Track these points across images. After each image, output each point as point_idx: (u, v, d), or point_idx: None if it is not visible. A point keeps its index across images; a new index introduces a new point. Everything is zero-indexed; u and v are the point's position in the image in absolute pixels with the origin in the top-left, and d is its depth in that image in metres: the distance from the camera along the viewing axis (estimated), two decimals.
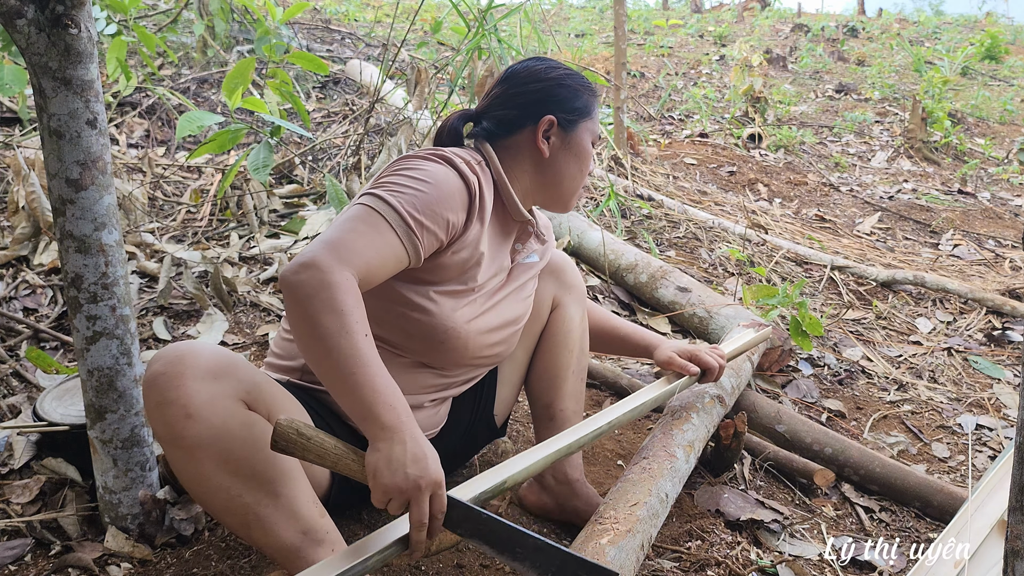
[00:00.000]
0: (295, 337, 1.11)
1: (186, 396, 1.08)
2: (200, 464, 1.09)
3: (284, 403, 1.23)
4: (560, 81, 1.42)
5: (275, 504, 1.14)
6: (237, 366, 1.15)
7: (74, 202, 1.29)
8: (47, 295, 2.34)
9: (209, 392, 1.09)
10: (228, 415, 1.10)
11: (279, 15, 3.16)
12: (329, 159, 3.51)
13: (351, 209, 1.20)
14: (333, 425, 1.36)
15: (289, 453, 1.04)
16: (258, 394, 1.16)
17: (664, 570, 1.49)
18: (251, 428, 1.12)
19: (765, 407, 2.07)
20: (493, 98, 1.45)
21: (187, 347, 1.13)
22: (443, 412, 1.48)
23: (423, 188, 1.22)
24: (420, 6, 3.59)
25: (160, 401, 1.08)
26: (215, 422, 1.08)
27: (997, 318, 3.16)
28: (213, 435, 1.08)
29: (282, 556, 1.16)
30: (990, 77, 9.88)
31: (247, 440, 1.11)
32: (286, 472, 1.15)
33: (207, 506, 1.14)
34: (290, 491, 1.15)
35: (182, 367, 1.09)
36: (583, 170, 1.46)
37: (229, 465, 1.10)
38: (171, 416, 1.08)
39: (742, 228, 3.72)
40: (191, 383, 1.08)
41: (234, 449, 1.10)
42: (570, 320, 1.62)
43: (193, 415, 1.08)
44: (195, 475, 1.11)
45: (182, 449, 1.09)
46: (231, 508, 1.12)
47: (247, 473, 1.11)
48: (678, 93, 7.80)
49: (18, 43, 1.22)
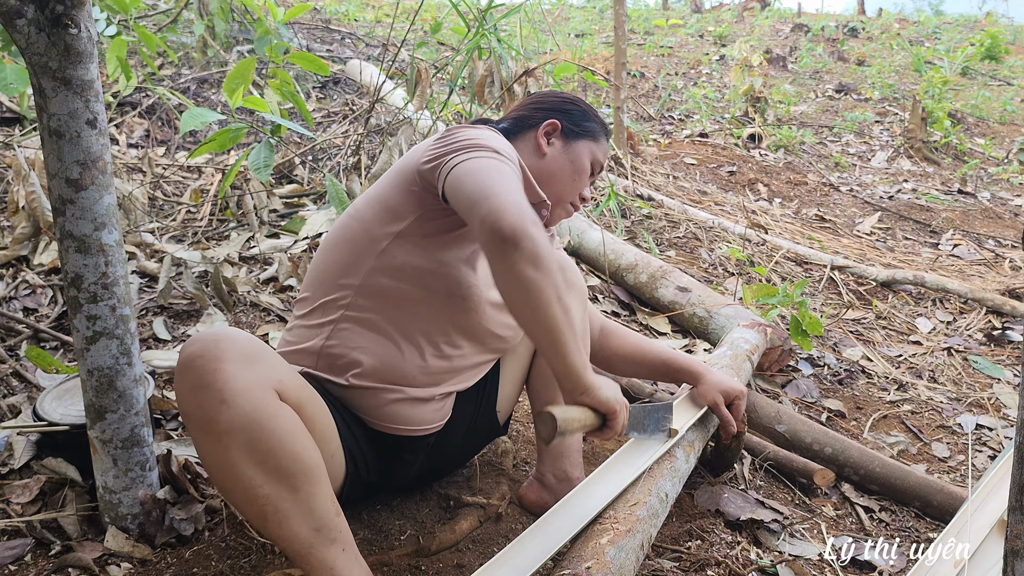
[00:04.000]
0: (526, 279, 1.14)
1: (223, 381, 1.08)
2: (228, 451, 1.09)
3: (310, 394, 1.25)
4: (576, 103, 1.55)
5: (294, 498, 1.14)
6: (270, 355, 1.16)
7: (74, 202, 1.29)
8: (47, 295, 2.34)
9: (245, 379, 1.09)
10: (262, 404, 1.10)
11: (280, 15, 3.16)
12: (329, 159, 3.51)
13: (479, 161, 1.23)
14: (341, 411, 1.38)
15: (563, 435, 1.22)
16: (288, 384, 1.17)
17: (664, 570, 1.49)
18: (281, 420, 1.12)
19: (765, 407, 2.07)
20: (516, 106, 1.58)
21: (224, 332, 1.13)
22: (448, 407, 1.50)
23: (500, 142, 1.31)
24: (420, 6, 3.59)
25: (197, 384, 1.08)
26: (248, 409, 1.09)
27: (997, 318, 3.16)
28: (245, 423, 1.08)
29: (293, 550, 1.17)
30: (990, 77, 9.88)
31: (275, 431, 1.11)
32: (309, 469, 1.16)
33: (227, 493, 1.14)
34: (310, 487, 1.16)
35: (219, 351, 1.09)
36: (575, 183, 1.52)
37: (256, 455, 1.10)
38: (206, 400, 1.08)
39: (742, 228, 3.72)
40: (228, 368, 1.08)
41: (263, 439, 1.10)
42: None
43: (228, 401, 1.08)
44: (221, 462, 1.10)
45: (213, 434, 1.09)
46: (251, 498, 1.12)
47: (272, 465, 1.11)
48: (678, 93, 7.81)
49: (18, 43, 1.22)
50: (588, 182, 1.54)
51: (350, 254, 1.39)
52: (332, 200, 2.47)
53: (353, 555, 1.22)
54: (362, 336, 1.37)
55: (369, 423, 1.41)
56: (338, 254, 1.41)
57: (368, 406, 1.39)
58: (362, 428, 1.41)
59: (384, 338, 1.37)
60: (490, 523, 1.59)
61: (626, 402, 1.33)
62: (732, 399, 1.68)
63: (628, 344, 1.74)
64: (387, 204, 1.37)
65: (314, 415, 1.24)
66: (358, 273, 1.37)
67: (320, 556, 1.17)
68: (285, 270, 2.54)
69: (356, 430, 1.40)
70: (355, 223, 1.41)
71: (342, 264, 1.39)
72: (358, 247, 1.38)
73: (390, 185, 1.39)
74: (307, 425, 1.19)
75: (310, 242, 2.75)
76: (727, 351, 2.10)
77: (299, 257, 2.63)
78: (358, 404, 1.39)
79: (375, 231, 1.37)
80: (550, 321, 1.17)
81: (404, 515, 1.59)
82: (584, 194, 1.55)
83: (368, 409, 1.39)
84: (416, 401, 1.41)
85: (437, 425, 1.48)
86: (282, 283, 2.53)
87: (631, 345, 1.74)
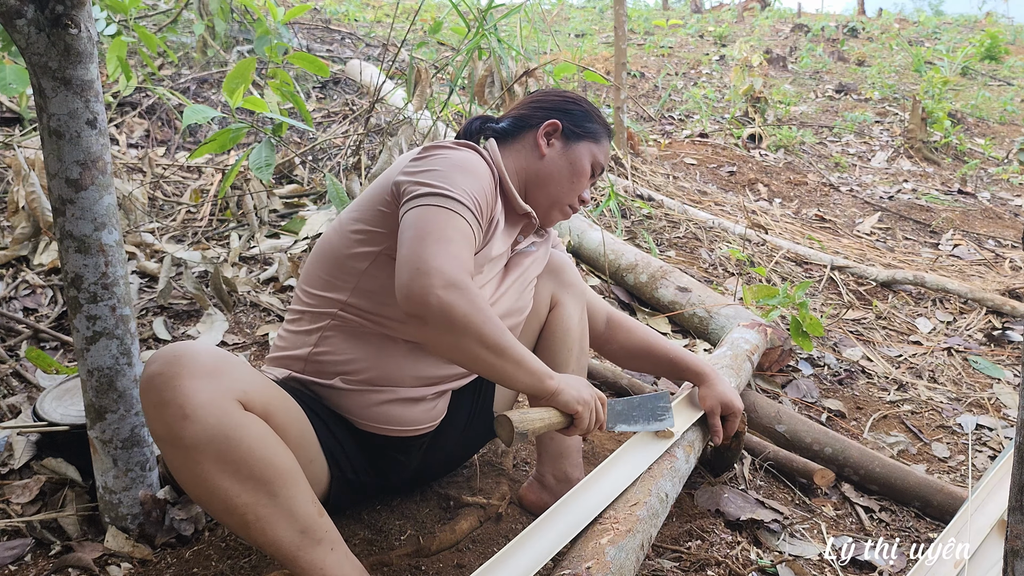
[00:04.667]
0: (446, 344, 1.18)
1: (183, 396, 1.08)
2: (198, 465, 1.09)
3: (280, 401, 1.24)
4: (578, 102, 1.53)
5: (273, 504, 1.14)
6: (233, 366, 1.16)
7: (74, 202, 1.29)
8: (47, 295, 2.34)
9: (206, 392, 1.09)
10: (225, 415, 1.10)
11: (280, 15, 3.16)
12: (329, 159, 3.51)
13: (429, 212, 1.23)
14: (322, 415, 1.37)
15: (522, 439, 1.27)
16: (254, 394, 1.16)
17: (664, 570, 1.49)
18: (248, 428, 1.12)
19: (765, 407, 2.07)
20: (517, 105, 1.55)
21: (183, 347, 1.13)
22: (442, 406, 1.48)
23: (471, 174, 1.31)
24: (420, 6, 3.59)
25: (157, 402, 1.08)
26: (212, 422, 1.09)
27: (997, 318, 3.16)
28: (211, 436, 1.08)
29: (281, 555, 1.17)
30: (990, 77, 9.88)
31: (243, 441, 1.11)
32: (284, 472, 1.15)
33: (206, 506, 1.14)
34: (288, 491, 1.16)
35: (179, 367, 1.09)
36: (574, 185, 1.51)
37: (227, 466, 1.10)
38: (169, 417, 1.08)
39: (742, 228, 3.72)
40: (188, 383, 1.08)
41: (231, 450, 1.10)
42: (569, 318, 1.62)
43: (190, 416, 1.08)
44: (193, 476, 1.11)
45: (180, 450, 1.09)
46: (230, 508, 1.12)
47: (245, 474, 1.11)
48: (678, 93, 7.80)
49: (18, 43, 1.22)
50: (588, 184, 1.53)
51: (334, 272, 1.39)
52: (333, 199, 2.47)
53: (343, 553, 1.22)
54: (350, 343, 1.37)
55: (357, 424, 1.40)
56: (323, 269, 1.41)
57: (356, 407, 1.39)
58: (348, 430, 1.40)
59: (373, 345, 1.37)
60: (490, 523, 1.59)
61: (598, 399, 1.38)
62: (728, 413, 1.68)
63: (634, 338, 1.74)
64: (365, 224, 1.37)
65: (287, 422, 1.24)
66: (343, 289, 1.37)
67: (308, 558, 1.17)
68: (285, 270, 2.54)
69: (339, 432, 1.38)
70: (338, 239, 1.40)
71: (327, 279, 1.39)
72: (341, 265, 1.38)
73: (370, 201, 1.38)
74: (279, 432, 1.18)
75: (310, 242, 2.75)
76: (727, 351, 2.10)
77: (299, 257, 2.63)
78: (346, 405, 1.39)
79: (355, 251, 1.37)
80: (485, 369, 1.23)
81: (404, 515, 1.59)
82: (584, 196, 1.54)
83: (356, 410, 1.39)
84: (407, 401, 1.41)
85: (430, 425, 1.47)
86: (282, 283, 2.53)
87: (637, 339, 1.74)
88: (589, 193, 1.56)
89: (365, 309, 1.36)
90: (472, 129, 1.54)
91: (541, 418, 1.32)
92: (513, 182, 1.47)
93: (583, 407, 1.34)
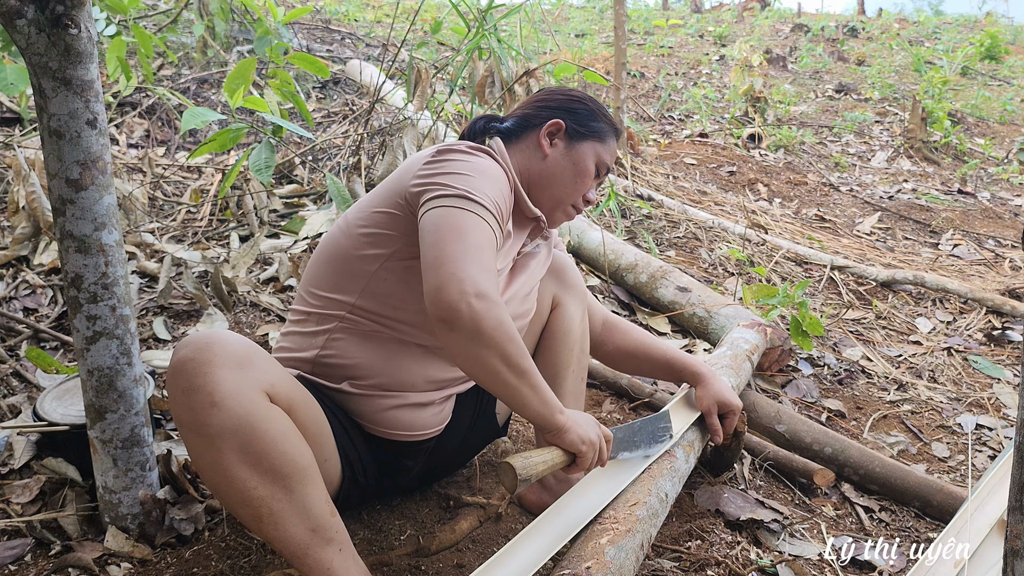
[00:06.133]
0: (469, 355, 1.17)
1: (213, 384, 1.08)
2: (220, 453, 1.09)
3: (303, 398, 1.25)
4: (583, 101, 1.50)
5: (289, 499, 1.14)
6: (262, 358, 1.16)
7: (74, 202, 1.29)
8: (47, 295, 2.34)
9: (235, 381, 1.09)
10: (253, 406, 1.10)
11: (280, 15, 3.16)
12: (329, 159, 3.51)
13: (454, 214, 1.21)
14: (338, 415, 1.37)
15: (528, 481, 1.25)
16: (280, 387, 1.17)
17: (664, 570, 1.49)
18: (272, 421, 1.12)
19: (765, 407, 2.07)
20: (522, 104, 1.53)
21: (215, 335, 1.13)
22: (448, 409, 1.49)
23: (492, 179, 1.29)
24: (420, 6, 3.59)
25: (187, 387, 1.08)
26: (239, 412, 1.08)
27: (997, 318, 3.16)
28: (236, 425, 1.08)
29: (289, 552, 1.16)
30: (990, 77, 9.88)
31: (268, 433, 1.11)
32: (302, 469, 1.15)
33: (222, 496, 1.14)
34: (304, 488, 1.16)
35: (210, 354, 1.09)
36: (577, 186, 1.48)
37: (248, 457, 1.10)
38: (196, 403, 1.08)
39: (742, 228, 3.72)
40: (219, 371, 1.08)
41: (254, 441, 1.10)
42: (570, 319, 1.62)
43: (218, 404, 1.07)
44: (214, 464, 1.10)
45: (204, 437, 1.09)
46: (245, 500, 1.12)
47: (265, 466, 1.11)
48: (678, 93, 7.80)
49: (18, 43, 1.22)
50: (593, 184, 1.50)
51: (342, 274, 1.37)
52: (334, 198, 2.48)
53: (350, 555, 1.22)
54: (358, 346, 1.36)
55: (367, 428, 1.40)
56: (331, 270, 1.39)
57: (366, 411, 1.38)
58: (360, 432, 1.40)
59: (382, 348, 1.36)
60: (490, 523, 1.59)
61: (602, 437, 1.36)
62: (726, 412, 1.68)
63: (631, 340, 1.73)
64: (375, 227, 1.35)
65: (307, 418, 1.24)
66: (351, 292, 1.36)
67: (317, 557, 1.17)
68: (285, 270, 2.54)
69: (353, 434, 1.39)
70: (346, 241, 1.38)
71: (335, 281, 1.38)
72: (350, 267, 1.36)
73: (380, 203, 1.36)
74: (300, 428, 1.18)
75: (310, 242, 2.75)
76: (727, 351, 2.10)
77: (299, 257, 2.63)
78: (355, 409, 1.39)
79: (365, 252, 1.35)
80: (501, 387, 1.21)
81: (404, 515, 1.59)
82: (589, 196, 1.51)
83: (366, 414, 1.39)
84: (416, 406, 1.40)
85: (437, 429, 1.47)
86: (282, 283, 2.53)
87: (634, 341, 1.73)
88: (595, 194, 1.54)
89: (374, 312, 1.35)
90: (476, 129, 1.52)
91: (544, 461, 1.30)
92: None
93: (588, 447, 1.32)
